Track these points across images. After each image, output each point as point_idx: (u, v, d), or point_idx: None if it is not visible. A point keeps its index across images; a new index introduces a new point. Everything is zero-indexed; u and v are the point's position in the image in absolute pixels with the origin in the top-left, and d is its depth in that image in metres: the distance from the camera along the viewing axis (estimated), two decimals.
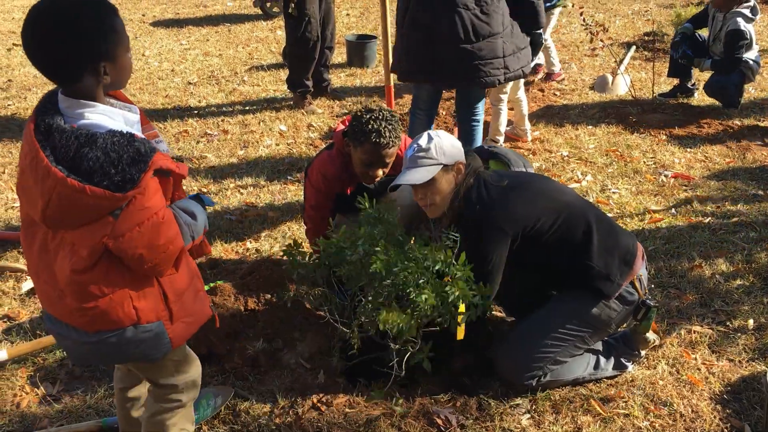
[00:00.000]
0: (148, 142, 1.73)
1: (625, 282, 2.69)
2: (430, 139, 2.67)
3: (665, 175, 4.60)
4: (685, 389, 2.74)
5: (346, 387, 2.75)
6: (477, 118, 4.16)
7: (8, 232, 4.05)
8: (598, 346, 2.84)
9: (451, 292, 2.37)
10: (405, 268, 2.39)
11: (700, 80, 6.01)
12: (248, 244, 3.94)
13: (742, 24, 5.29)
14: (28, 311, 3.36)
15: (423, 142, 2.66)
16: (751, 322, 3.11)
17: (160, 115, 6.02)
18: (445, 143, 2.66)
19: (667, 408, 2.65)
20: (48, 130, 1.66)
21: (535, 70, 6.52)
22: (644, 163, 4.84)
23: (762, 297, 3.29)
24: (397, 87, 5.93)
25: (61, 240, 1.77)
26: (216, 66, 7.45)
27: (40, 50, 1.68)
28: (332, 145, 3.23)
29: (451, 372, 2.85)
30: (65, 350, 2.11)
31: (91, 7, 1.70)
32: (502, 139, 5.05)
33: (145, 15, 9.94)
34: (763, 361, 2.89)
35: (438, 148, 2.64)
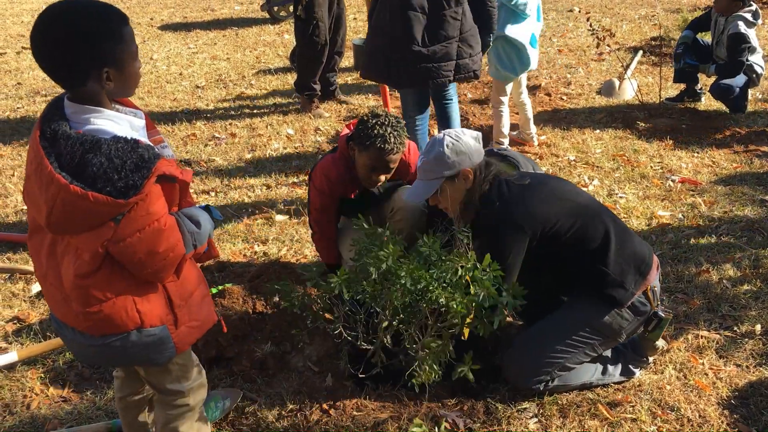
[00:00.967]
0: (153, 149, 1.74)
1: (639, 291, 2.69)
2: (432, 149, 2.67)
3: (672, 180, 4.60)
4: (692, 394, 2.74)
5: (354, 390, 2.76)
6: (449, 98, 4.40)
7: (17, 235, 4.08)
8: (607, 352, 2.83)
9: (478, 293, 2.34)
10: (428, 279, 2.36)
11: (708, 84, 6.01)
12: (256, 248, 3.96)
13: (743, 27, 5.30)
14: (38, 313, 3.39)
15: (427, 153, 2.69)
16: (758, 327, 3.11)
17: (168, 119, 6.05)
18: (450, 152, 2.64)
19: (674, 413, 2.65)
20: (54, 137, 1.67)
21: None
22: (651, 167, 4.84)
23: None
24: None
25: (67, 245, 1.79)
26: (224, 69, 7.49)
27: (47, 53, 1.70)
28: (336, 149, 3.24)
29: (459, 376, 2.85)
30: (72, 352, 2.12)
31: (99, 13, 1.71)
32: (506, 141, 5.05)
33: (153, 19, 10.00)
34: None
35: (440, 160, 2.64)
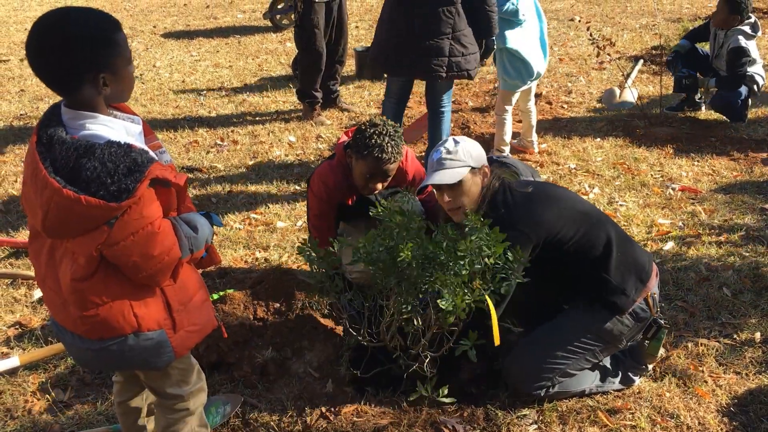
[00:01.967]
0: (146, 153, 1.76)
1: (639, 298, 2.71)
2: (457, 142, 2.70)
3: (672, 188, 4.62)
4: (692, 401, 2.75)
5: (354, 396, 2.77)
6: (443, 108, 4.57)
7: (20, 240, 4.09)
8: (606, 360, 2.84)
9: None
10: (436, 260, 2.36)
11: (708, 94, 6.03)
12: (257, 254, 3.97)
13: (743, 41, 5.33)
14: (40, 318, 3.40)
15: (450, 145, 2.70)
16: (758, 335, 3.11)
17: (171, 126, 6.07)
18: (471, 147, 2.70)
19: (674, 420, 2.65)
20: (50, 142, 1.69)
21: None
22: (651, 176, 4.85)
23: None
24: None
25: (65, 249, 1.81)
26: (226, 77, 7.52)
27: (42, 61, 1.72)
28: (334, 156, 3.27)
29: (459, 382, 2.86)
30: (72, 356, 2.14)
31: (93, 19, 1.74)
32: (507, 149, 5.07)
33: (156, 27, 10.04)
34: None
35: (465, 151, 2.67)
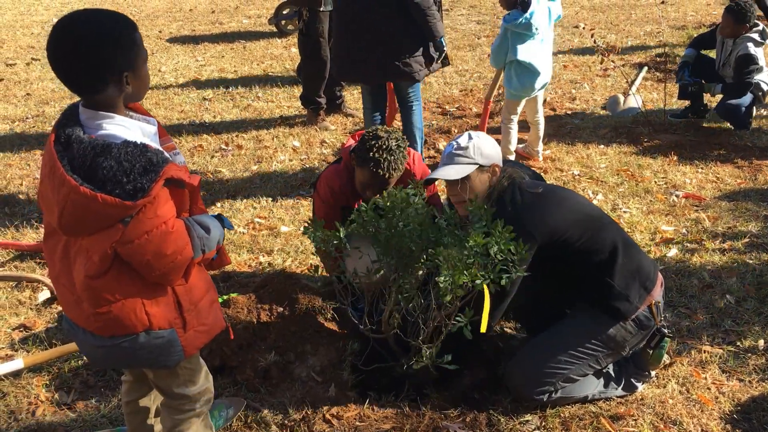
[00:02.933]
0: (161, 153, 1.79)
1: (643, 306, 2.70)
2: (470, 138, 2.72)
3: (676, 195, 4.62)
4: (695, 408, 2.74)
5: (357, 400, 2.77)
6: (411, 101, 4.74)
7: (25, 243, 4.11)
8: (609, 367, 2.84)
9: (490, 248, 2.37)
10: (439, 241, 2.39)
11: (712, 101, 6.04)
12: (261, 258, 3.98)
13: (752, 48, 5.34)
14: (44, 321, 3.41)
15: (462, 141, 2.72)
16: (761, 342, 3.11)
17: (176, 130, 6.10)
18: (484, 144, 2.71)
19: (676, 427, 2.65)
20: (68, 141, 1.72)
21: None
22: (655, 183, 4.85)
23: None
24: None
25: (80, 247, 1.83)
26: (231, 82, 7.55)
27: (68, 63, 1.74)
28: (340, 159, 3.30)
29: (461, 387, 2.86)
30: (83, 353, 2.16)
31: (114, 21, 1.77)
32: (512, 158, 5.08)
33: (161, 31, 10.09)
34: None
35: (476, 148, 2.69)
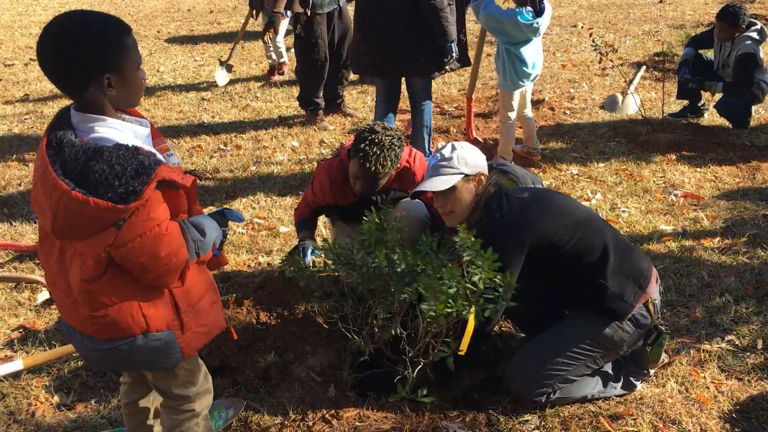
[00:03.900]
0: (154, 155, 1.78)
1: (638, 304, 2.70)
2: (453, 149, 2.73)
3: (675, 195, 4.62)
4: (694, 408, 2.75)
5: (356, 400, 2.78)
6: (422, 99, 4.90)
7: (24, 244, 4.11)
8: (608, 366, 2.84)
9: (474, 276, 2.37)
10: (422, 270, 2.40)
11: (710, 100, 6.04)
12: (260, 259, 3.99)
13: (752, 47, 5.36)
14: (44, 322, 3.41)
15: (446, 152, 2.73)
16: (760, 341, 3.11)
17: (174, 130, 6.10)
18: (468, 154, 2.72)
19: (676, 426, 2.65)
20: (59, 145, 1.71)
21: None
22: (654, 182, 4.86)
23: None
24: None
25: (75, 250, 1.82)
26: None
27: (49, 61, 1.74)
28: (338, 154, 3.41)
29: (461, 387, 2.87)
30: (82, 356, 2.16)
31: (102, 21, 1.76)
32: (510, 157, 5.09)
33: (160, 32, 10.09)
34: None
35: (460, 159, 2.70)
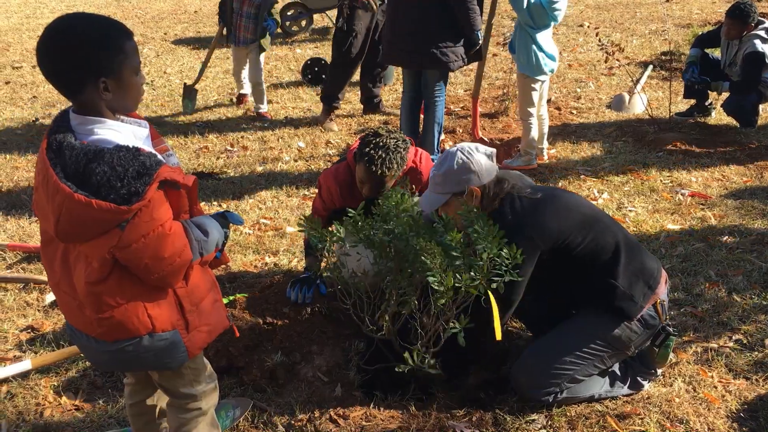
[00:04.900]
0: (155, 156, 1.78)
1: (647, 305, 2.70)
2: (443, 164, 2.72)
3: (682, 194, 4.61)
4: (701, 407, 2.74)
5: (363, 400, 2.78)
6: (436, 94, 4.96)
7: (32, 245, 4.13)
8: (615, 365, 2.84)
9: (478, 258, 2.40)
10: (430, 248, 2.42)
11: (718, 99, 6.02)
12: (267, 259, 3.99)
13: (760, 45, 5.33)
14: (52, 322, 3.43)
15: (438, 167, 2.75)
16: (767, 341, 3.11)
17: (181, 131, 6.12)
18: (459, 170, 2.67)
19: (683, 425, 2.65)
20: (59, 148, 1.71)
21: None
22: (661, 181, 4.84)
23: None
24: None
25: (79, 253, 1.83)
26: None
27: (47, 62, 1.74)
28: (345, 158, 3.37)
29: (467, 387, 2.87)
30: (87, 359, 2.16)
31: (102, 24, 1.77)
32: (534, 152, 5.08)
33: (166, 33, 10.12)
34: None
35: (447, 177, 2.69)
